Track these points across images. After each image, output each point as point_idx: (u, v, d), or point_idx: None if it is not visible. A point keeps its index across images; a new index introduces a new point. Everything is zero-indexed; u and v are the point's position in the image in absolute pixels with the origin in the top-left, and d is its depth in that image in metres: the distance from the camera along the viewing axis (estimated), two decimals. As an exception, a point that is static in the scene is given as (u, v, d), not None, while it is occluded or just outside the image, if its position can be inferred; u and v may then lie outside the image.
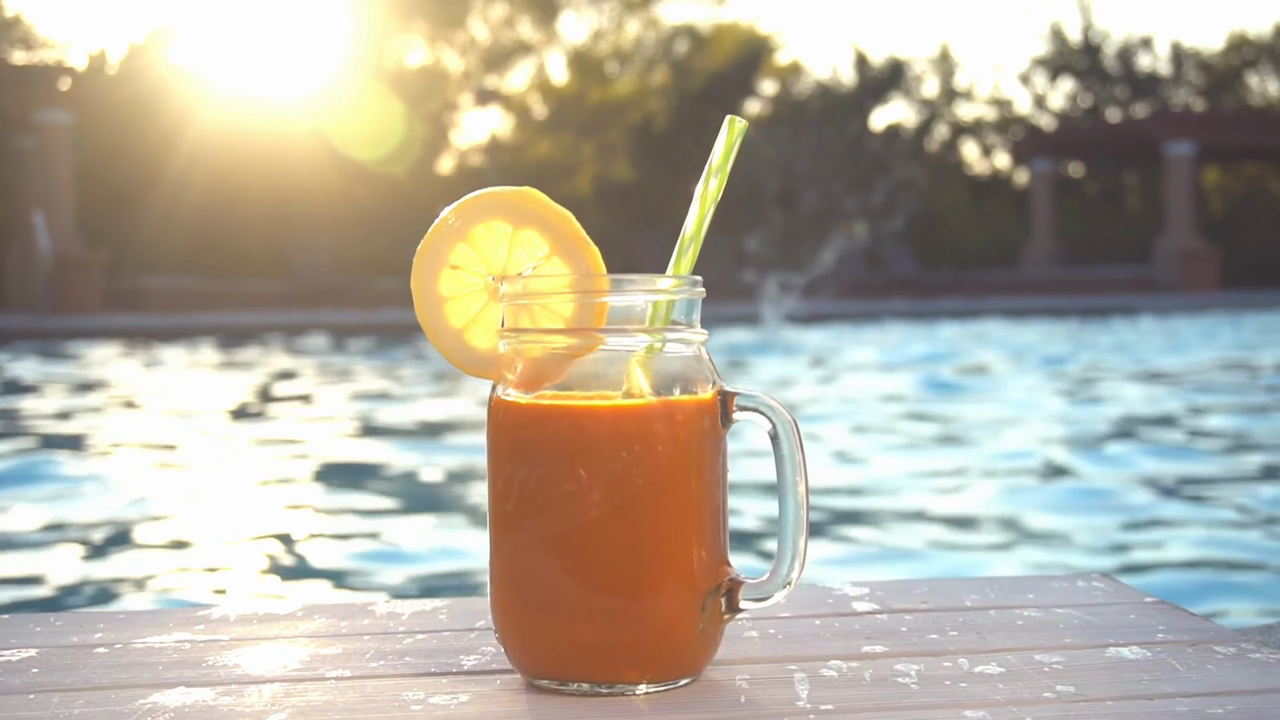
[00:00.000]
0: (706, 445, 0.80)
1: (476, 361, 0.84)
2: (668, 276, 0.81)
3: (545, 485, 0.78)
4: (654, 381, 0.79)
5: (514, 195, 0.83)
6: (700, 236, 0.83)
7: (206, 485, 4.16)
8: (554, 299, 0.81)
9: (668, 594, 0.78)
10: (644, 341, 0.79)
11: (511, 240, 0.83)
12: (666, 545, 0.78)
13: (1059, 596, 1.01)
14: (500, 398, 0.81)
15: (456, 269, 0.83)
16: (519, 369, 0.81)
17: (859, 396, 6.81)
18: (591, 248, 0.83)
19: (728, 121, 0.83)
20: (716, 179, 0.83)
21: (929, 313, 16.26)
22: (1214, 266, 22.24)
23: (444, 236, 0.83)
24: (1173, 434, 5.37)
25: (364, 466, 4.56)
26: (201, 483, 4.19)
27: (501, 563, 0.81)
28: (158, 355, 10.49)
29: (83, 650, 0.90)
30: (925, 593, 1.03)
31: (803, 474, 0.80)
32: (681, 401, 0.79)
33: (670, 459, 0.78)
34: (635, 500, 0.77)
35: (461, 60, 26.18)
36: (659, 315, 0.80)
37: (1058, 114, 29.81)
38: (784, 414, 0.80)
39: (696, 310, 0.82)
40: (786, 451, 0.80)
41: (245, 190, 20.18)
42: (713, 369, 0.82)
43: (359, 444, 5.23)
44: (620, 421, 0.78)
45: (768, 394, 0.81)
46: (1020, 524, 3.55)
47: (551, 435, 0.78)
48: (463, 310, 0.84)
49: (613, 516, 0.77)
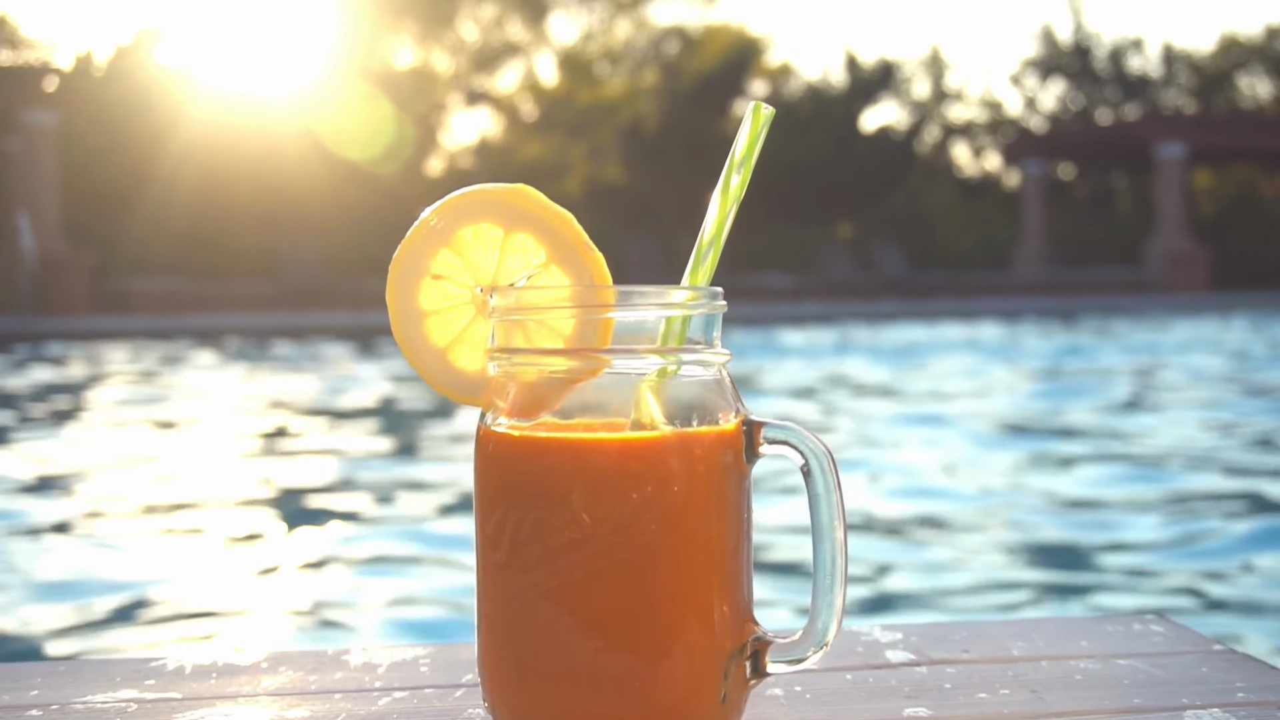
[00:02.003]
0: (729, 483, 0.69)
1: (462, 385, 0.73)
2: (683, 288, 0.70)
3: (542, 531, 0.67)
4: (668, 410, 0.68)
5: (506, 194, 0.72)
6: (721, 241, 0.72)
7: (171, 505, 3.84)
8: (552, 314, 0.70)
9: (685, 657, 0.67)
10: (656, 364, 0.68)
11: (503, 245, 0.72)
12: (684, 601, 0.67)
13: (1116, 643, 0.90)
14: (489, 428, 0.70)
15: (439, 279, 0.72)
16: (511, 395, 0.70)
17: (868, 409, 6.71)
18: (595, 254, 0.72)
19: (752, 109, 0.72)
20: (739, 174, 0.72)
21: (924, 313, 16.18)
22: (1205, 268, 22.20)
23: (425, 241, 0.72)
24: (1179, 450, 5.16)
25: (341, 485, 4.33)
26: (165, 502, 3.94)
27: (490, 620, 0.70)
28: (138, 358, 10.34)
29: (13, 712, 0.79)
30: (966, 638, 0.92)
31: (840, 517, 0.69)
32: (700, 433, 0.68)
33: (688, 500, 0.67)
34: (647, 549, 0.66)
35: (451, 61, 26.05)
36: (673, 333, 0.69)
37: (1049, 116, 29.76)
38: (819, 446, 0.69)
39: (717, 326, 0.71)
40: (822, 490, 0.69)
41: (234, 191, 20.04)
42: (735, 394, 0.71)
43: (340, 463, 4.94)
44: (629, 457, 0.67)
45: (799, 423, 0.70)
46: (1045, 550, 3.36)
47: (549, 473, 0.67)
48: (446, 327, 0.72)
49: (621, 568, 0.66)
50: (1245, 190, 27.60)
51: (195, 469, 4.59)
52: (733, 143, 0.72)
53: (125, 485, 4.20)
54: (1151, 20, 62.33)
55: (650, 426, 0.68)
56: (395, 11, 24.49)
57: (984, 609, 2.70)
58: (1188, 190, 22.98)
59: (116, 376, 8.68)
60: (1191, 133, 23.17)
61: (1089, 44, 29.57)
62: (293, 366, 9.54)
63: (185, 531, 3.49)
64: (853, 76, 27.21)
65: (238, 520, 3.62)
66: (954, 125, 29.33)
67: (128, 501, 3.91)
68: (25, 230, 15.81)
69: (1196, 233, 23.25)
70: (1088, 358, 9.28)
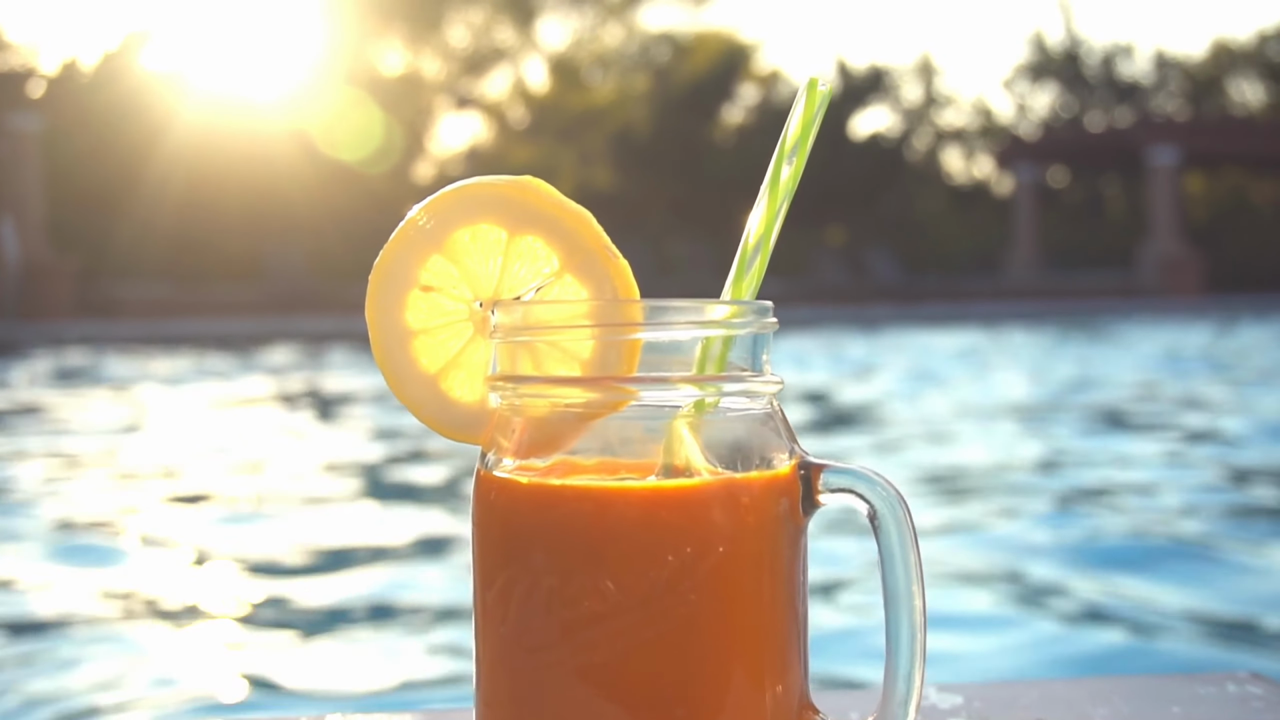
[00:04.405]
0: (782, 540, 0.57)
1: (457, 420, 0.60)
2: (725, 302, 0.58)
3: (556, 602, 0.55)
4: (708, 451, 0.56)
5: (510, 188, 0.59)
6: (770, 244, 0.60)
7: (140, 544, 3.35)
8: (566, 334, 0.57)
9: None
10: (692, 395, 0.56)
11: (507, 250, 0.59)
12: (729, 685, 0.55)
13: (1210, 708, 0.78)
14: (490, 473, 0.58)
15: (430, 291, 0.59)
16: (517, 433, 0.57)
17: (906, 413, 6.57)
18: (618, 261, 0.60)
19: (806, 86, 0.60)
20: (791, 164, 0.60)
21: (916, 317, 16.06)
22: (1196, 273, 22.16)
23: (413, 245, 0.59)
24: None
25: (328, 516, 3.80)
26: (135, 540, 3.56)
27: (492, 703, 0.58)
28: (119, 366, 10.16)
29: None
30: (1035, 701, 0.80)
31: (918, 579, 0.57)
32: (748, 479, 0.56)
33: (734, 562, 0.55)
34: (686, 624, 0.54)
35: (441, 65, 25.92)
36: (713, 357, 0.57)
37: (1040, 121, 29.72)
38: (892, 492, 0.57)
39: (767, 348, 0.59)
40: (897, 546, 0.57)
41: (221, 195, 19.91)
42: (789, 432, 0.59)
43: (337, 482, 4.57)
44: (662, 509, 0.55)
45: (865, 465, 0.58)
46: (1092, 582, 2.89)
47: (564, 529, 0.55)
48: (438, 349, 0.60)
49: (654, 647, 0.54)
50: (1237, 195, 27.58)
51: (160, 490, 4.34)
52: (783, 128, 0.60)
53: (94, 505, 4.02)
54: (1143, 25, 62.43)
55: (687, 472, 0.56)
56: (384, 15, 24.36)
57: (1029, 654, 2.39)
58: (1179, 195, 22.96)
59: (96, 385, 8.52)
60: (1183, 138, 23.15)
61: (1080, 49, 29.54)
62: (278, 375, 9.39)
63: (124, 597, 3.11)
64: (844, 82, 27.13)
65: (179, 574, 3.10)
66: (945, 131, 29.26)
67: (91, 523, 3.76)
68: (9, 235, 15.66)
69: (1189, 237, 23.21)
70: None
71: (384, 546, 3.37)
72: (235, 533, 3.52)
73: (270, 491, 4.18)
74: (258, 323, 14.76)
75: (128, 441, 5.55)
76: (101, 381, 8.80)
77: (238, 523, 3.68)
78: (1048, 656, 2.33)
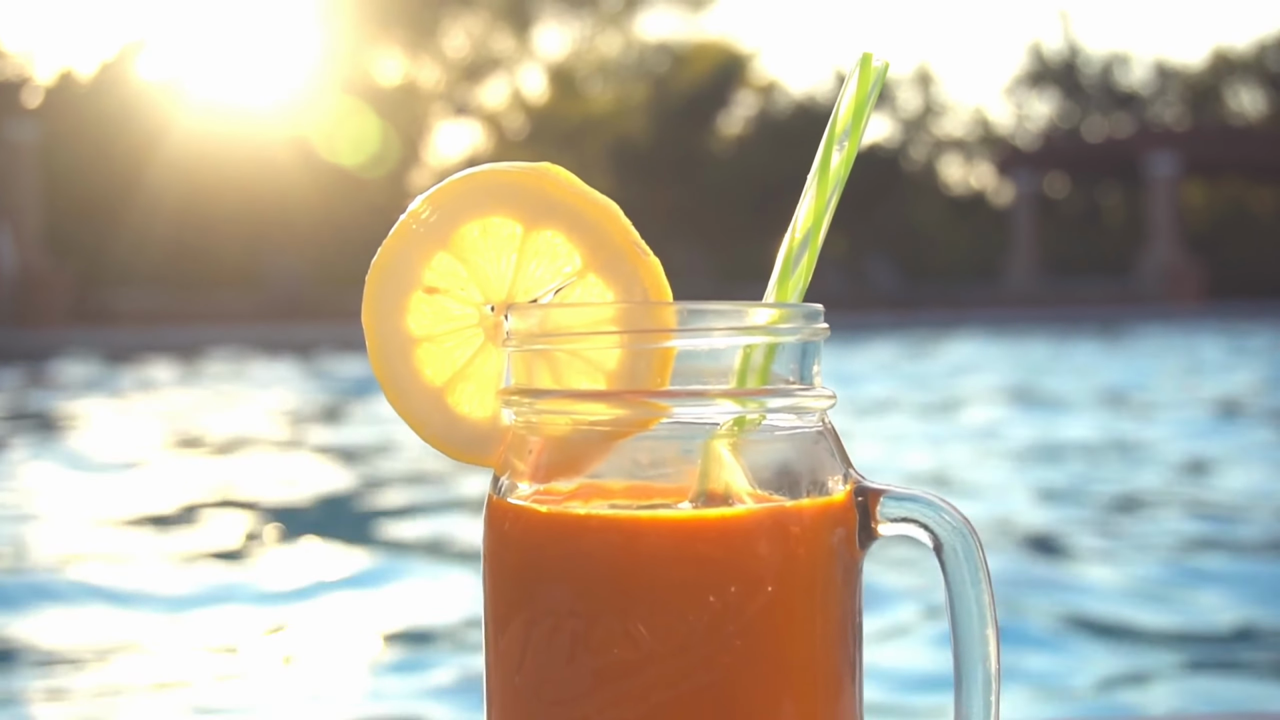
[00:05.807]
0: (835, 575, 0.50)
1: (465, 439, 0.53)
2: (768, 305, 0.51)
3: (580, 648, 0.48)
4: (751, 475, 0.49)
5: (526, 175, 0.52)
6: (819, 239, 0.53)
7: (124, 569, 3.10)
8: (589, 341, 0.50)
9: (779, 823, 0.48)
10: (732, 411, 0.49)
11: (522, 247, 0.52)
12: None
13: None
14: (504, 500, 0.51)
15: (435, 293, 0.52)
16: (534, 454, 0.51)
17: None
18: (648, 259, 0.53)
19: (860, 61, 0.53)
20: (842, 149, 0.53)
21: (913, 324, 16.01)
22: (1196, 280, 22.13)
23: (415, 242, 0.52)
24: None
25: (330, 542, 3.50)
26: (136, 543, 3.48)
27: (506, 762, 0.51)
28: (109, 375, 10.07)
29: None
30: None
31: (993, 619, 0.50)
32: (799, 508, 0.49)
33: (784, 602, 0.48)
34: (728, 673, 0.47)
35: (439, 74, 25.89)
36: (754, 368, 0.50)
37: (1039, 130, 29.71)
38: (959, 520, 0.50)
39: (816, 358, 0.52)
40: (969, 584, 0.50)
41: (218, 203, 19.87)
42: (842, 453, 0.52)
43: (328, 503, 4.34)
44: (700, 542, 0.48)
45: (929, 491, 0.51)
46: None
47: (588, 564, 0.48)
48: (444, 358, 0.53)
49: (693, 700, 0.47)
50: (1236, 203, 27.58)
51: (155, 503, 4.23)
52: (833, 109, 0.53)
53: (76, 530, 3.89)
54: (1142, 34, 62.42)
55: (727, 499, 0.49)
56: (381, 23, 24.33)
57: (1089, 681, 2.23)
58: (1178, 204, 22.94)
59: (86, 393, 8.44)
60: (1182, 147, 23.13)
61: (1079, 58, 29.53)
62: (273, 385, 9.31)
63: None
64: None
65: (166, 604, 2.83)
66: (944, 140, 29.25)
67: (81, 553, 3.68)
68: (5, 244, 15.61)
69: (1188, 246, 23.19)
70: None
71: (384, 565, 3.29)
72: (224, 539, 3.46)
73: (264, 505, 4.11)
74: (255, 330, 14.70)
75: (123, 449, 5.48)
76: (98, 390, 8.73)
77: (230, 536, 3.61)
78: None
